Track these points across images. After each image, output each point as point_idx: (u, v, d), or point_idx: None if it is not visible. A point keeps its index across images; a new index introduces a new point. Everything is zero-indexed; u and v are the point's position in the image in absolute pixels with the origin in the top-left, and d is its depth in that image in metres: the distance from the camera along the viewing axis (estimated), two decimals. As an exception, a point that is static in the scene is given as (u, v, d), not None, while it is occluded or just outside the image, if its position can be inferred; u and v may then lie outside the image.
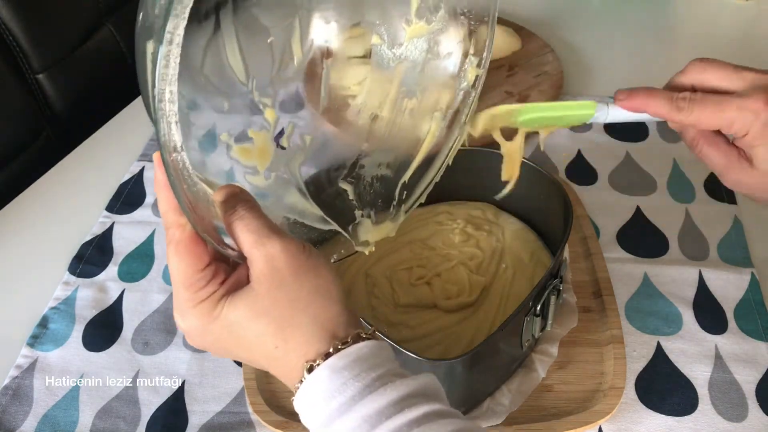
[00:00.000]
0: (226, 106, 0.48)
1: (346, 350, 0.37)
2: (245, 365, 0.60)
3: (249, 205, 0.40)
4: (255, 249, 0.39)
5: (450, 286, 0.62)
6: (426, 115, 0.51)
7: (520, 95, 0.88)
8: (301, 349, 0.38)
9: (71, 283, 0.71)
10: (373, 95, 0.52)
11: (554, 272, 0.55)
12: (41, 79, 0.93)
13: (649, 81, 0.93)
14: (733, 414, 0.56)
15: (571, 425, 0.54)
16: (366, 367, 0.37)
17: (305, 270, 0.39)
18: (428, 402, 0.36)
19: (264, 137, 0.49)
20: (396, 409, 0.35)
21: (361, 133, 0.53)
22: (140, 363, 0.63)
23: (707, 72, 0.48)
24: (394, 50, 0.51)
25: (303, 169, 0.51)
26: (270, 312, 0.38)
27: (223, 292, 0.39)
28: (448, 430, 0.35)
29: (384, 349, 0.39)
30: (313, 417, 0.37)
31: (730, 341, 0.61)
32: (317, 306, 0.39)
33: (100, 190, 0.82)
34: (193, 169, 0.41)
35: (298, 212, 0.50)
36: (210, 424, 0.58)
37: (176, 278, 0.40)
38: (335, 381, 0.36)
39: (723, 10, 1.07)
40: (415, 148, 0.52)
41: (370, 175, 0.52)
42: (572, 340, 0.61)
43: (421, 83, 0.51)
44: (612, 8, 1.10)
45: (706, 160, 0.49)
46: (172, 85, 0.35)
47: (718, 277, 0.66)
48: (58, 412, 0.60)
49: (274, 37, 0.49)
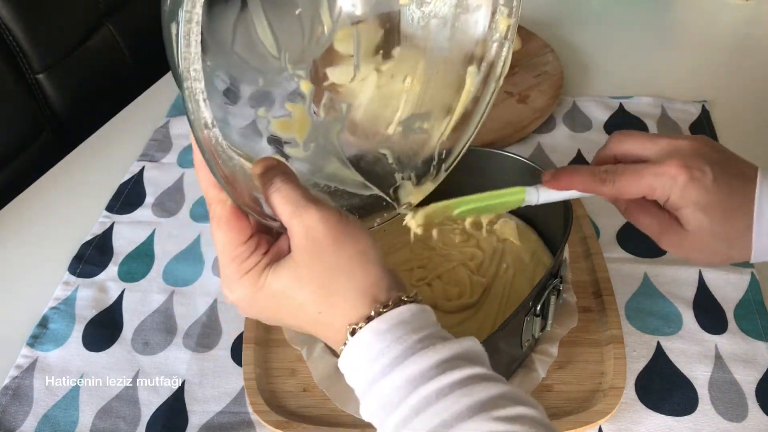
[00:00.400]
0: (261, 82, 0.48)
1: (388, 314, 0.38)
2: (245, 365, 0.60)
3: (286, 177, 0.41)
4: (293, 220, 0.40)
5: (451, 287, 0.62)
6: (459, 72, 0.51)
7: (520, 95, 0.88)
8: (344, 313, 0.39)
9: (71, 283, 0.71)
10: (405, 59, 0.52)
11: (554, 272, 0.55)
12: (41, 79, 0.93)
13: (649, 81, 0.94)
14: (733, 414, 0.56)
15: (571, 425, 0.54)
16: (408, 330, 0.37)
17: (343, 238, 0.40)
18: (471, 365, 0.36)
19: (301, 109, 0.49)
20: (438, 371, 0.36)
21: (397, 97, 0.52)
22: (140, 363, 0.63)
23: (626, 143, 0.48)
24: (423, 8, 0.51)
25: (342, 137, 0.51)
26: (312, 280, 0.39)
27: (267, 262, 0.40)
28: (491, 393, 0.35)
29: (426, 313, 0.39)
30: (357, 378, 0.38)
31: (730, 341, 0.61)
32: (357, 272, 0.40)
33: (100, 190, 0.82)
34: (229, 145, 0.41)
35: (339, 180, 0.50)
36: (210, 424, 0.58)
37: (222, 252, 0.41)
38: (378, 344, 0.37)
39: (723, 10, 1.07)
40: (452, 106, 0.52)
41: (407, 137, 0.52)
42: (572, 340, 0.61)
43: (453, 39, 0.51)
44: (612, 8, 1.10)
45: (641, 227, 0.49)
46: (195, 63, 0.35)
47: (718, 277, 0.66)
48: (58, 412, 0.60)
49: (302, 8, 0.49)
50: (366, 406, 0.38)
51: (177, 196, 0.80)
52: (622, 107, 0.88)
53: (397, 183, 0.51)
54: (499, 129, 0.83)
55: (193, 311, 0.67)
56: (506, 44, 0.50)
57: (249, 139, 0.46)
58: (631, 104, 0.88)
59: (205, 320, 0.66)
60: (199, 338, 0.65)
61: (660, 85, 0.91)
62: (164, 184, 0.82)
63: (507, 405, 0.35)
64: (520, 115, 0.85)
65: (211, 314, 0.67)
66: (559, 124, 0.87)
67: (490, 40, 0.50)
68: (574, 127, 0.86)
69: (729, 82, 0.93)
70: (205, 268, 0.71)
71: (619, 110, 0.88)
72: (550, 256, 0.64)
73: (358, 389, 0.38)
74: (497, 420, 0.34)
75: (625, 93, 0.90)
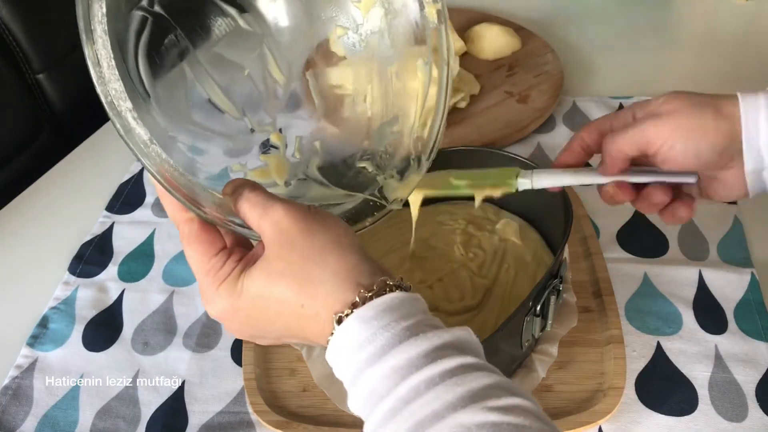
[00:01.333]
0: (231, 145, 0.49)
1: (374, 301, 0.36)
2: (245, 365, 0.60)
3: (251, 185, 0.41)
4: (262, 220, 0.39)
5: (452, 289, 0.62)
6: (411, 70, 0.52)
7: (520, 95, 0.88)
8: (328, 302, 0.37)
9: (71, 283, 0.71)
10: (360, 80, 0.53)
11: (554, 272, 0.55)
12: (41, 79, 0.93)
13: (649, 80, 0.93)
14: (733, 414, 0.56)
15: (570, 425, 0.54)
16: (396, 317, 0.36)
17: (313, 227, 0.39)
18: (462, 354, 0.35)
19: (277, 157, 0.50)
20: (428, 359, 0.34)
21: (363, 120, 0.53)
22: (140, 363, 0.63)
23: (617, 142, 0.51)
24: (359, 32, 0.52)
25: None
26: (286, 273, 0.38)
27: (242, 268, 0.40)
28: (483, 383, 0.34)
29: (416, 301, 0.38)
30: (344, 370, 0.37)
31: (730, 341, 0.61)
32: (332, 258, 0.38)
33: (100, 190, 0.82)
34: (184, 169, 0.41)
35: (324, 199, 0.51)
36: (210, 424, 0.58)
37: (196, 268, 0.40)
38: (364, 332, 0.36)
39: (723, 9, 1.07)
40: (415, 102, 0.53)
41: (383, 145, 0.53)
42: (572, 340, 0.61)
43: (394, 45, 0.52)
44: (612, 8, 1.10)
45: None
46: (111, 83, 0.36)
47: (718, 277, 0.66)
48: (58, 412, 0.60)
49: (250, 69, 0.51)
50: (353, 399, 0.36)
51: (177, 196, 0.80)
52: (622, 107, 0.88)
53: (381, 184, 0.51)
54: (499, 129, 0.83)
55: (193, 311, 0.67)
56: (442, 28, 0.51)
57: (221, 180, 0.46)
58: (631, 104, 0.88)
59: (205, 320, 0.66)
60: (199, 338, 0.65)
61: (660, 85, 0.91)
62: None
63: (501, 395, 0.33)
64: (520, 115, 0.85)
65: (211, 314, 0.67)
66: (559, 124, 0.87)
67: (427, 31, 0.51)
68: (574, 127, 0.86)
69: (729, 82, 0.92)
70: (205, 268, 0.71)
71: (619, 110, 0.87)
72: (551, 256, 0.64)
73: (345, 381, 0.37)
74: (491, 410, 0.32)
75: (625, 93, 0.90)
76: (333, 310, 0.37)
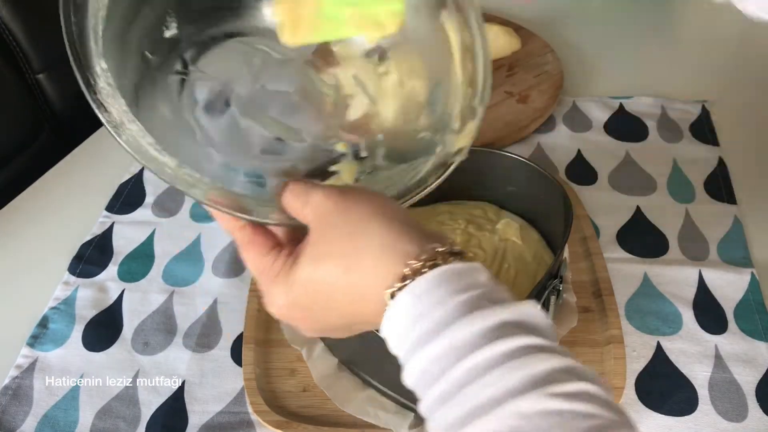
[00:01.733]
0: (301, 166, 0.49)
1: (427, 274, 0.34)
2: (245, 365, 0.60)
3: (294, 179, 0.41)
4: (305, 208, 0.39)
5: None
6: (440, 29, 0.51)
7: (520, 95, 0.88)
8: (377, 276, 0.35)
9: (71, 283, 0.71)
10: (400, 62, 0.52)
11: (554, 272, 0.55)
12: (41, 79, 0.93)
13: (649, 81, 0.93)
14: (733, 414, 0.56)
15: (571, 425, 0.54)
16: (451, 291, 0.33)
17: (352, 204, 0.38)
18: (525, 334, 0.32)
19: (348, 163, 0.49)
20: (486, 339, 0.31)
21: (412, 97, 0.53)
22: (140, 363, 0.63)
23: None
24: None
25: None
26: (330, 253, 0.37)
27: (293, 260, 0.39)
28: (547, 366, 0.30)
29: (475, 270, 0.35)
30: (397, 348, 0.35)
31: (730, 341, 0.61)
32: (375, 226, 0.37)
33: (100, 190, 0.82)
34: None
35: (391, 182, 0.50)
36: (210, 424, 0.58)
37: (254, 270, 0.41)
38: (416, 307, 0.33)
39: (723, 10, 1.07)
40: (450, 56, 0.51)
41: (437, 109, 0.52)
42: (572, 340, 0.61)
43: (418, 12, 0.51)
44: (612, 8, 1.10)
45: None
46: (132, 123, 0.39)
47: (718, 277, 0.66)
48: (58, 412, 0.60)
49: (295, 90, 0.50)
50: (407, 377, 0.34)
51: (177, 196, 0.80)
52: (622, 107, 0.88)
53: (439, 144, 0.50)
54: (499, 129, 0.83)
55: (193, 311, 0.67)
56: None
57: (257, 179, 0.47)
58: (631, 104, 0.88)
59: (205, 320, 0.66)
60: (199, 338, 0.65)
61: (660, 85, 0.91)
62: (164, 184, 0.82)
63: (567, 379, 0.30)
64: (520, 115, 0.85)
65: (211, 314, 0.67)
66: (559, 124, 0.87)
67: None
68: (574, 127, 0.86)
69: (729, 82, 0.92)
70: (205, 268, 0.71)
71: (619, 110, 0.88)
72: (552, 256, 0.64)
73: (401, 359, 0.34)
74: (554, 397, 0.29)
75: (625, 93, 0.90)
76: (384, 285, 0.35)
